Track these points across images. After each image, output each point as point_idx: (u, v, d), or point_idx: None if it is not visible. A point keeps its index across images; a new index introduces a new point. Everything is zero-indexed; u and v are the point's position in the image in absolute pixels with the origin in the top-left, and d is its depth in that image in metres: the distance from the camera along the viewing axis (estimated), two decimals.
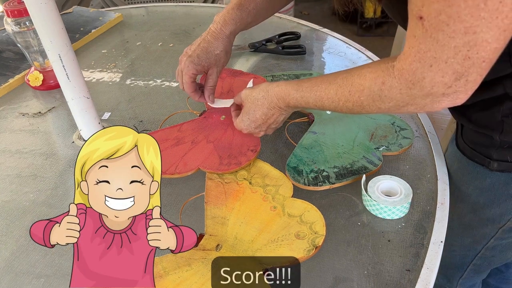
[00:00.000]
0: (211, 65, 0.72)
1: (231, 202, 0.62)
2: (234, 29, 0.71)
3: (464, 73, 0.41)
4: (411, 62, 0.43)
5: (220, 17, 0.71)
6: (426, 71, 0.43)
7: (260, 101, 0.65)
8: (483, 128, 0.59)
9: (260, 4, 0.71)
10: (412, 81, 0.44)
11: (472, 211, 0.68)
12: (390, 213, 0.59)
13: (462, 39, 0.39)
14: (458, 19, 0.38)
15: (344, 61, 0.98)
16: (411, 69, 0.44)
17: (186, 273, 0.52)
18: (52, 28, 0.64)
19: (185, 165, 0.68)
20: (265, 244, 0.55)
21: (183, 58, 0.72)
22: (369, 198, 0.59)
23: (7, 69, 1.01)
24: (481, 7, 0.36)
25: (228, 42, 0.72)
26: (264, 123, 0.66)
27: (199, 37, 0.73)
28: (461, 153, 0.65)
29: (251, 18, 0.72)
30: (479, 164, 0.62)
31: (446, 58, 0.41)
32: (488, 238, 0.69)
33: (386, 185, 0.62)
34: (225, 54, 0.72)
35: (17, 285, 0.54)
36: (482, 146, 0.61)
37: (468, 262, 0.75)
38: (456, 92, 0.44)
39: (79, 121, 0.75)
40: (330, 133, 0.73)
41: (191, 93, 0.74)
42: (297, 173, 0.65)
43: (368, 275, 0.53)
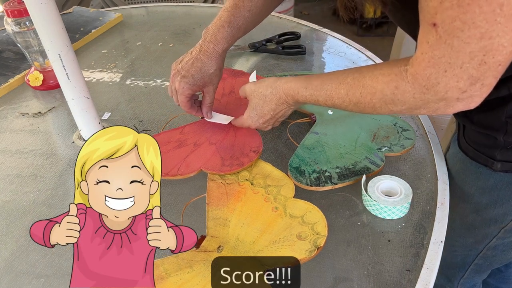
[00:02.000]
0: (206, 84, 0.72)
1: (233, 203, 0.62)
2: (226, 47, 0.71)
3: (480, 78, 0.41)
4: (425, 67, 0.43)
5: (211, 36, 0.70)
6: (440, 76, 0.43)
7: (268, 97, 0.65)
8: (487, 129, 0.59)
9: (249, 18, 0.70)
10: (426, 86, 0.44)
11: (474, 211, 0.67)
12: (390, 213, 0.59)
13: (478, 44, 0.39)
14: (473, 25, 0.38)
15: (344, 61, 0.98)
16: (425, 75, 0.44)
17: (187, 275, 0.52)
18: (52, 28, 0.64)
19: (188, 167, 0.68)
20: (266, 245, 0.55)
21: (177, 78, 0.71)
22: (369, 198, 0.59)
23: (7, 69, 1.01)
24: (496, 12, 0.36)
25: (221, 60, 0.72)
26: (272, 118, 0.67)
27: (189, 54, 0.72)
28: (464, 154, 0.65)
29: (241, 33, 0.71)
30: (482, 165, 0.62)
31: (461, 63, 0.41)
32: (490, 238, 0.69)
33: (386, 185, 0.62)
34: (219, 71, 0.72)
35: (17, 285, 0.54)
36: (485, 147, 0.61)
37: (470, 262, 0.75)
38: (471, 97, 0.43)
39: (79, 121, 0.75)
40: (332, 133, 0.73)
41: (187, 110, 0.74)
42: (299, 173, 0.65)
43: (368, 275, 0.53)
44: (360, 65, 0.95)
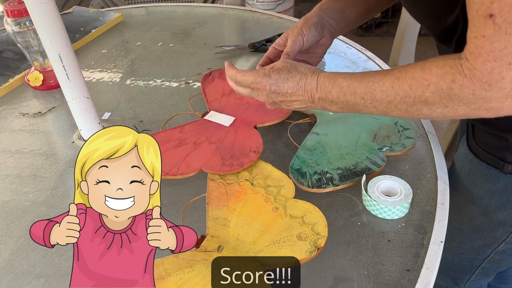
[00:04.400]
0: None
1: (233, 203, 0.62)
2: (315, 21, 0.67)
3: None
4: (484, 62, 0.40)
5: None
6: (504, 70, 0.39)
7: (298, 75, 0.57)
8: (498, 130, 0.57)
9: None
10: (488, 82, 0.40)
11: (483, 214, 0.66)
12: (390, 213, 0.59)
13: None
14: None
15: (344, 61, 0.98)
16: (485, 69, 0.40)
17: (187, 275, 0.52)
18: (52, 28, 0.64)
19: (188, 166, 0.68)
20: (267, 246, 0.55)
21: None
22: (369, 198, 0.59)
23: (7, 69, 1.01)
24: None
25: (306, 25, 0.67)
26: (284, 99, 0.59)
27: None
28: (473, 155, 0.64)
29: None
30: (492, 167, 0.61)
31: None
32: (498, 242, 0.68)
33: (386, 185, 0.62)
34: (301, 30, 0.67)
35: (17, 285, 0.54)
36: (496, 148, 0.59)
37: (477, 265, 0.74)
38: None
39: (79, 121, 0.75)
40: (333, 134, 0.73)
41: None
42: (300, 175, 0.65)
43: (368, 275, 0.53)
44: (360, 65, 0.96)
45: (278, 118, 0.77)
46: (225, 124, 0.76)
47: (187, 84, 0.94)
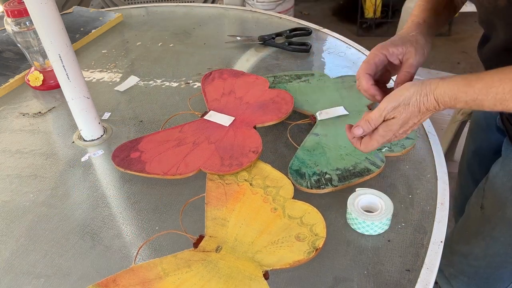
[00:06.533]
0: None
1: (232, 204, 0.62)
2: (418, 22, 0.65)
3: None
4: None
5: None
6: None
7: (412, 106, 0.53)
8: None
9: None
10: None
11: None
12: (368, 228, 0.57)
13: None
14: None
15: (344, 61, 0.98)
16: None
17: (185, 275, 0.52)
18: (52, 28, 0.64)
19: (187, 166, 0.68)
20: (265, 246, 0.55)
21: None
22: (349, 212, 0.58)
23: (7, 69, 1.01)
24: None
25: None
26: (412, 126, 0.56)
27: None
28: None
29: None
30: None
31: None
32: None
33: (366, 200, 0.60)
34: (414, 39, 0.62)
35: (17, 285, 0.54)
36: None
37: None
38: None
39: (79, 121, 0.75)
40: (333, 134, 0.73)
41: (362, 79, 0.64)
42: (299, 176, 0.65)
43: (368, 275, 0.53)
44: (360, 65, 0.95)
45: (278, 119, 0.77)
46: (225, 124, 0.76)
47: (187, 84, 0.94)
